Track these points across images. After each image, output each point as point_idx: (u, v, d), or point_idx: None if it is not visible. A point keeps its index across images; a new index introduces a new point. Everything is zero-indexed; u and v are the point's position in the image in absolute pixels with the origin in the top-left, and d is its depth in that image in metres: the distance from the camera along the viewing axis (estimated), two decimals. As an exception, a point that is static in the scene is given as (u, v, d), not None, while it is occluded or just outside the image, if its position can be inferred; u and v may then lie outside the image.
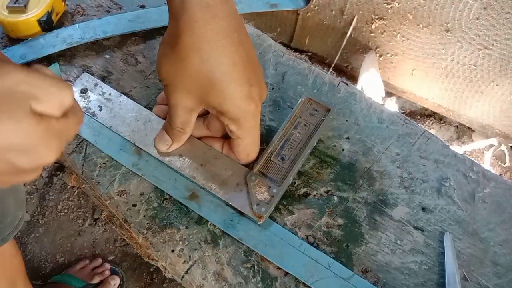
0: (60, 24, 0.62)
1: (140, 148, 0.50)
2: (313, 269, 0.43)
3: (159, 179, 0.48)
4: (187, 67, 0.39)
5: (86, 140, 0.52)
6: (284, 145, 0.48)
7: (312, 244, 0.45)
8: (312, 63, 0.61)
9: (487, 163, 1.10)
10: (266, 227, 0.45)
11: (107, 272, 1.03)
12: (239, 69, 0.40)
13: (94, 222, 1.08)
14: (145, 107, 0.55)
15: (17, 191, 0.54)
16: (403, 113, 0.61)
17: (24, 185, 1.09)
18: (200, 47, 0.38)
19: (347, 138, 0.53)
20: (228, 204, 0.46)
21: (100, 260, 1.05)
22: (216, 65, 0.39)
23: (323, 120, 0.50)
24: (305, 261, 0.43)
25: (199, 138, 0.49)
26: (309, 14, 1.06)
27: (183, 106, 0.42)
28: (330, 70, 1.12)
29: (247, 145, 0.45)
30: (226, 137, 0.48)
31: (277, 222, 0.46)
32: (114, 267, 1.06)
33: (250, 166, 0.48)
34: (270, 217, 0.46)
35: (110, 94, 0.53)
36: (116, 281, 1.03)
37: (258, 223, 0.45)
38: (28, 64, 0.57)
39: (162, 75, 0.42)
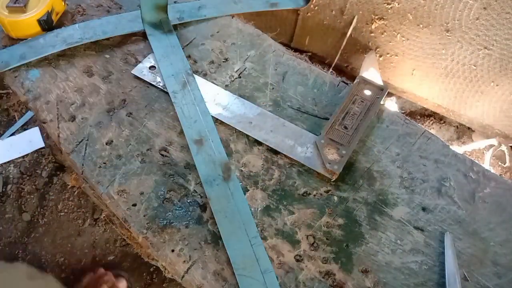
0: (60, 24, 0.62)
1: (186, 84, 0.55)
2: (249, 266, 0.42)
3: (183, 114, 0.52)
4: None
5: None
6: (345, 116, 0.53)
7: (312, 244, 0.45)
8: (312, 63, 0.61)
9: (487, 163, 1.10)
10: (238, 203, 0.46)
11: (113, 278, 1.03)
12: None
13: (94, 222, 1.08)
14: (145, 107, 0.55)
15: None
16: (403, 113, 0.61)
17: (23, 184, 1.09)
18: None
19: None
20: (220, 164, 0.48)
21: (102, 270, 1.05)
22: None
23: (378, 98, 0.55)
24: (247, 253, 0.43)
25: None
26: (309, 14, 1.06)
27: None
28: (330, 70, 1.12)
29: None
30: None
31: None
32: (117, 272, 1.06)
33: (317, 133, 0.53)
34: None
35: None
36: (123, 283, 1.02)
37: (332, 179, 0.49)
38: (28, 64, 0.57)
39: None
